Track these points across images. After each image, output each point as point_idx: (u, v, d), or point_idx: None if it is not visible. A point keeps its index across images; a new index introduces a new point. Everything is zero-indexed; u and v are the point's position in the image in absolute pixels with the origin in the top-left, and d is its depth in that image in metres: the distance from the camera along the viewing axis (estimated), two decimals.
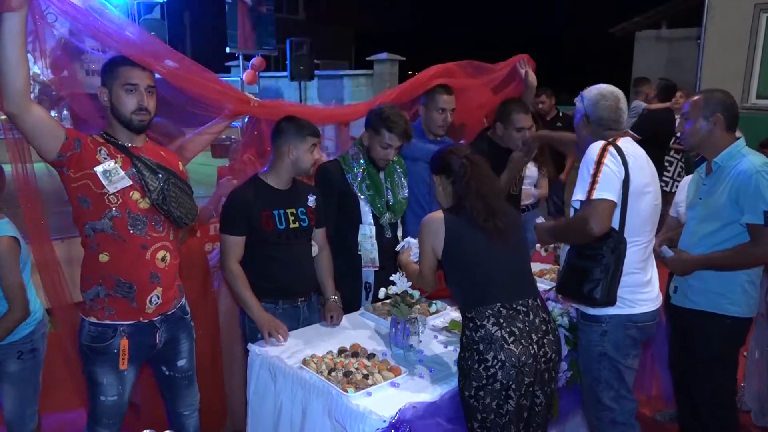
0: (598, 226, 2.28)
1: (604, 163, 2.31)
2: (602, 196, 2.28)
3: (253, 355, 2.58)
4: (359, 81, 13.06)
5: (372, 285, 3.08)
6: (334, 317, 2.81)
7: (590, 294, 2.36)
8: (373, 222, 3.05)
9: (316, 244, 2.89)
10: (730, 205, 2.50)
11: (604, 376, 2.46)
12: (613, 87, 2.55)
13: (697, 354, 2.66)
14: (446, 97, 3.40)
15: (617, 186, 2.32)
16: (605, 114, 2.49)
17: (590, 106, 2.52)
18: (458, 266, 2.27)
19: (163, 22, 9.77)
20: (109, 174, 2.15)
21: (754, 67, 8.07)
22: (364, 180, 3.05)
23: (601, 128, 2.49)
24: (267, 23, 11.88)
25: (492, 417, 2.13)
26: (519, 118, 3.41)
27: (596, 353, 2.46)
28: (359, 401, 2.14)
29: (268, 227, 2.67)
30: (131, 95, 2.19)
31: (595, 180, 2.30)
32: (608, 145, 2.36)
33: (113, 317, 2.24)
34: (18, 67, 1.91)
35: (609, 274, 2.34)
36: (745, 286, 2.57)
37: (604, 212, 2.29)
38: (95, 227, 2.19)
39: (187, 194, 2.34)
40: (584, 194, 2.31)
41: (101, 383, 2.26)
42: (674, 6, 11.93)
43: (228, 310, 3.17)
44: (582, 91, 2.58)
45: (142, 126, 2.24)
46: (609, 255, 2.34)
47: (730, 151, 2.56)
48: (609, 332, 2.44)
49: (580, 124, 2.59)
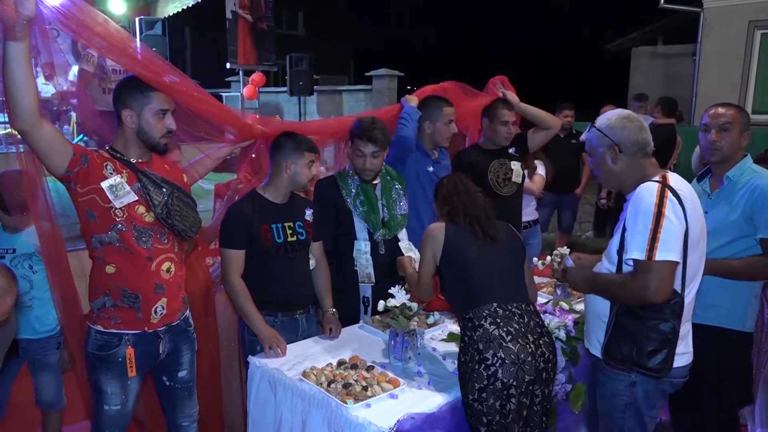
0: (662, 294, 2.01)
1: (665, 215, 2.00)
2: (666, 257, 1.99)
3: (254, 368, 2.60)
4: (358, 96, 13.15)
5: (370, 299, 3.10)
6: (332, 329, 2.84)
7: (651, 364, 2.07)
8: (368, 238, 3.07)
9: (313, 258, 2.93)
10: (744, 221, 2.50)
11: (627, 426, 2.24)
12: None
13: (706, 371, 2.55)
14: (446, 108, 3.48)
15: (681, 243, 2.03)
16: (637, 136, 2.19)
17: (618, 133, 2.20)
18: (455, 269, 2.39)
19: (164, 38, 9.87)
20: (115, 189, 2.19)
21: (749, 83, 8.16)
22: (358, 196, 3.06)
23: (639, 155, 2.20)
24: (267, 39, 12.00)
25: (497, 418, 2.17)
26: (503, 113, 3.63)
27: (621, 403, 2.22)
28: (358, 413, 2.15)
29: (267, 240, 2.70)
30: (162, 120, 2.25)
31: (656, 237, 1.99)
32: (666, 190, 2.06)
33: (119, 326, 2.28)
34: (26, 87, 1.96)
35: (671, 342, 2.06)
36: (751, 300, 2.59)
37: (669, 278, 2.01)
38: (102, 240, 2.23)
39: (191, 207, 2.39)
40: (643, 253, 2.00)
41: (105, 392, 2.29)
42: (670, 22, 12.03)
43: (226, 324, 3.18)
44: (595, 123, 2.29)
45: (166, 148, 2.32)
46: (672, 320, 2.05)
47: (741, 166, 2.57)
48: (638, 384, 2.18)
49: (606, 158, 2.24)
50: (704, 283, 2.58)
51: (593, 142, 2.28)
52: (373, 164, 3.01)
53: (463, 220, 2.43)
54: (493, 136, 3.71)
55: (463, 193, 2.51)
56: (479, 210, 2.47)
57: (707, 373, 2.60)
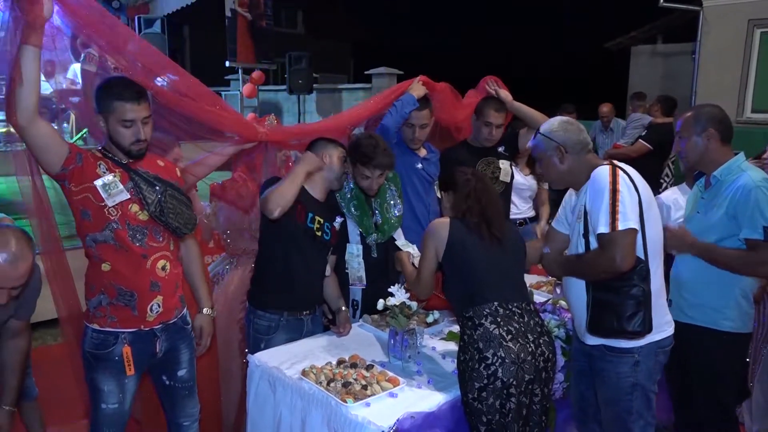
0: (627, 261, 2.17)
1: (619, 190, 2.19)
2: (627, 225, 2.16)
3: (253, 366, 2.60)
4: (358, 95, 13.12)
5: (359, 302, 3.10)
6: (347, 327, 2.87)
7: (631, 328, 2.21)
8: (360, 241, 3.06)
9: (329, 267, 2.94)
10: (728, 220, 2.49)
11: (635, 407, 2.34)
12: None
13: (697, 373, 2.62)
14: (415, 113, 3.40)
15: (637, 211, 2.21)
16: (578, 137, 2.40)
17: (561, 136, 2.40)
18: (458, 266, 2.37)
19: (163, 36, 9.86)
20: (108, 187, 2.20)
21: (749, 81, 8.15)
22: (352, 200, 3.06)
23: (583, 152, 2.40)
24: (266, 37, 11.97)
25: (497, 418, 2.17)
26: (490, 113, 3.61)
27: (628, 385, 2.33)
28: (358, 412, 2.16)
29: (300, 218, 2.71)
30: (128, 130, 2.22)
31: (615, 209, 2.17)
32: (617, 169, 2.25)
33: (115, 324, 2.28)
34: (35, 84, 2.04)
35: (644, 304, 2.21)
36: (739, 300, 2.57)
37: (630, 245, 2.18)
38: (96, 239, 2.23)
39: (185, 204, 2.38)
40: (607, 226, 2.17)
41: (102, 390, 2.30)
42: (670, 21, 12.01)
43: (224, 324, 3.18)
44: (539, 129, 2.48)
45: (141, 154, 2.29)
46: (641, 284, 2.21)
47: (729, 165, 2.56)
48: (641, 362, 2.31)
49: (553, 160, 2.43)
50: (691, 282, 2.64)
51: (540, 147, 2.47)
52: (379, 183, 3.00)
53: (476, 219, 2.40)
54: (476, 134, 3.70)
55: (486, 194, 2.47)
56: (497, 213, 2.46)
57: (699, 373, 2.63)
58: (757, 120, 7.97)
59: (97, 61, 2.57)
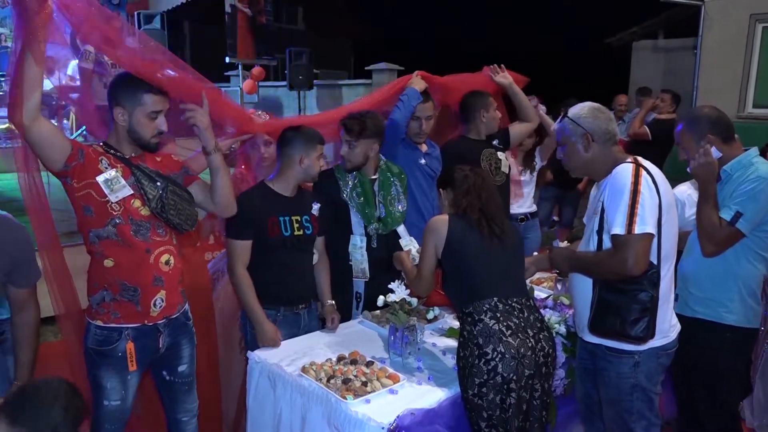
0: (640, 266, 2.12)
1: (641, 191, 2.13)
2: (644, 230, 2.11)
3: (253, 363, 2.59)
4: (358, 91, 13.10)
5: (362, 295, 3.10)
6: (334, 320, 2.87)
7: (634, 333, 2.17)
8: (364, 233, 3.06)
9: (316, 252, 2.92)
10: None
11: (636, 407, 2.32)
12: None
13: (701, 371, 2.62)
14: (420, 105, 3.38)
15: (656, 216, 2.15)
16: (607, 126, 2.32)
17: (590, 123, 2.31)
18: (457, 262, 2.37)
19: (163, 32, 9.86)
20: (110, 183, 2.20)
21: (750, 77, 8.14)
22: (355, 188, 3.05)
23: (609, 143, 2.32)
24: (266, 33, 11.95)
25: (498, 413, 2.17)
26: (491, 101, 3.66)
27: (628, 385, 2.31)
28: (358, 408, 2.15)
29: (274, 233, 2.70)
30: (154, 122, 2.25)
31: (633, 212, 2.10)
32: (640, 169, 2.19)
33: (118, 320, 2.28)
34: (38, 83, 2.04)
35: (650, 310, 2.17)
36: (743, 295, 2.55)
37: (645, 250, 2.12)
38: (99, 234, 2.23)
39: (187, 201, 2.38)
40: (623, 228, 2.11)
41: (105, 387, 2.29)
42: (671, 16, 11.99)
43: (225, 319, 3.18)
44: (568, 113, 2.39)
45: (157, 147, 2.32)
46: (650, 289, 2.16)
47: (740, 160, 2.53)
48: (642, 363, 2.28)
49: (577, 147, 2.34)
50: (696, 275, 2.62)
51: (566, 132, 2.38)
52: (347, 153, 2.97)
53: (476, 216, 2.39)
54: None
55: (485, 190, 2.46)
56: (497, 209, 2.45)
57: (703, 370, 2.62)
58: (759, 115, 7.95)
59: (94, 59, 2.56)
